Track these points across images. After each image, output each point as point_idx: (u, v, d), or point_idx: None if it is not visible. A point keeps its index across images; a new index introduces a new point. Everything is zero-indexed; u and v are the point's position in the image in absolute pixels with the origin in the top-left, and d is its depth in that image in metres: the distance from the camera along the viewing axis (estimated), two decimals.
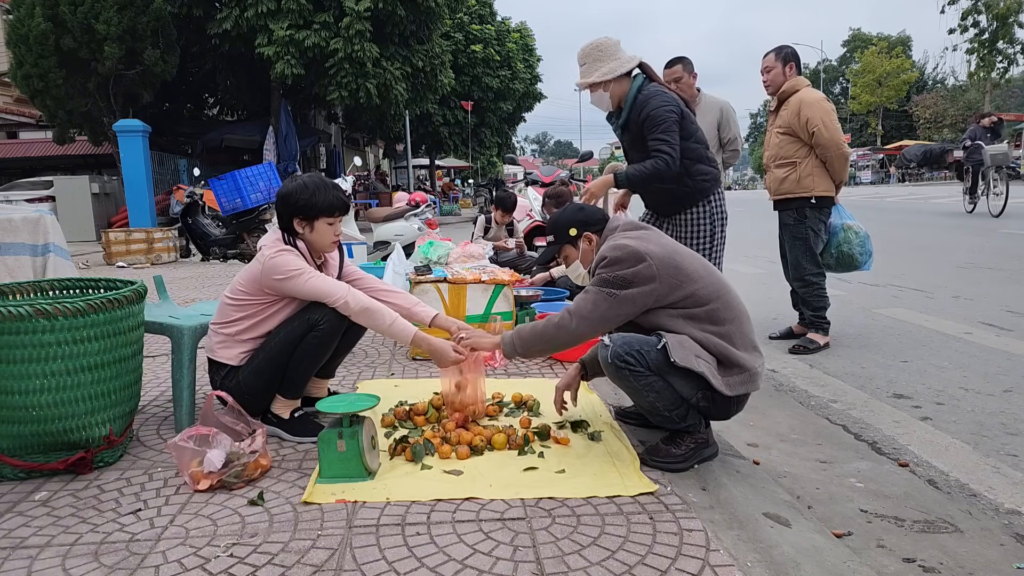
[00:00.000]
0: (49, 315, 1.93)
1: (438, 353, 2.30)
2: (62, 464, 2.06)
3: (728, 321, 2.06)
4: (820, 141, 3.75)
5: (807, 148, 3.84)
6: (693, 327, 2.04)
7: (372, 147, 29.76)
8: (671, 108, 2.90)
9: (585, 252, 2.32)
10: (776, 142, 3.96)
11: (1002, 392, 3.05)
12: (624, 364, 1.99)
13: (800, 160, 3.85)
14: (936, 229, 10.10)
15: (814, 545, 1.73)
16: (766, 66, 3.95)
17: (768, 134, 4.13)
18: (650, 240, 2.12)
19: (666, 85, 3.07)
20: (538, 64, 26.17)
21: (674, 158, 2.89)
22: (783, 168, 3.91)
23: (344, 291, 2.26)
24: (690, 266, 2.08)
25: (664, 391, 2.01)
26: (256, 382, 2.29)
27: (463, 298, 3.61)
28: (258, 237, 9.20)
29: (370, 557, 1.60)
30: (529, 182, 10.72)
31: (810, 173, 3.83)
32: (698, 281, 2.06)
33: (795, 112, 3.81)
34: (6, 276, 3.64)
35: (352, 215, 8.90)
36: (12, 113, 18.12)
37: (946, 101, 41.93)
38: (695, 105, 4.31)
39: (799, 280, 3.99)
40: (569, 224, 2.31)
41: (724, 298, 2.09)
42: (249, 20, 12.28)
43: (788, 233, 4.01)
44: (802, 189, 3.85)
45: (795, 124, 3.81)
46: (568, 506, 1.83)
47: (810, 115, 3.74)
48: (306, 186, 2.30)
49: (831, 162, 3.81)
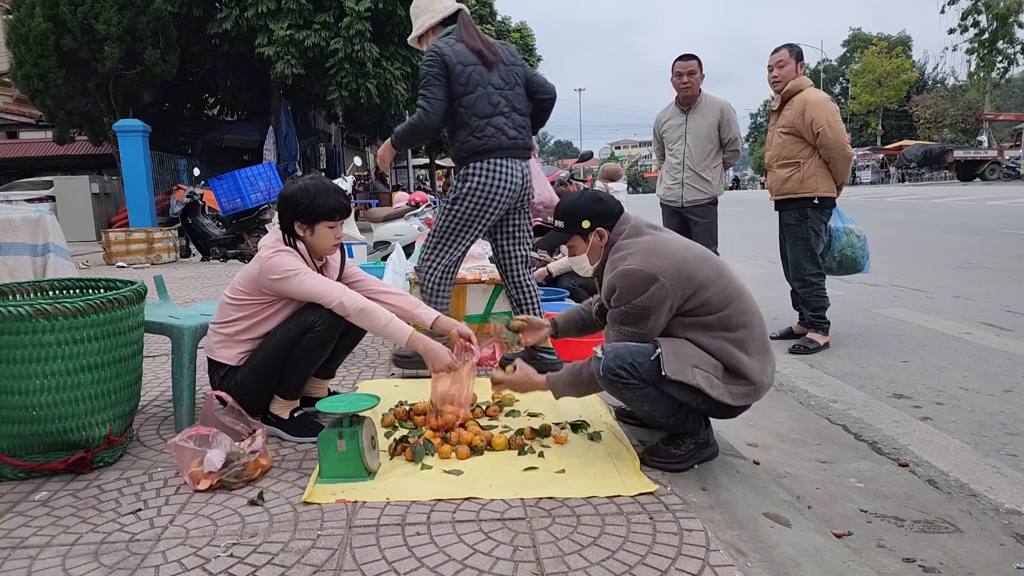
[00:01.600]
0: (49, 315, 1.93)
1: (432, 355, 2.27)
2: (62, 464, 2.06)
3: (742, 326, 2.00)
4: (824, 142, 3.74)
5: (810, 148, 3.83)
6: (704, 335, 1.99)
7: (372, 147, 29.72)
8: (431, 62, 2.83)
9: (594, 247, 2.21)
10: (779, 142, 3.95)
11: (1002, 392, 3.05)
12: (616, 377, 1.95)
13: (803, 160, 3.84)
14: (936, 229, 10.10)
15: (814, 545, 1.73)
16: (779, 60, 3.91)
17: (770, 134, 4.12)
18: (657, 252, 2.02)
19: (476, 37, 2.90)
20: (538, 64, 26.16)
21: (427, 111, 2.85)
22: (786, 168, 3.90)
23: (339, 292, 2.24)
24: (702, 271, 2.01)
25: (660, 400, 1.98)
26: (253, 383, 2.29)
27: (463, 298, 3.61)
28: (258, 237, 9.20)
29: (370, 557, 1.60)
30: None
31: (813, 174, 3.82)
32: (711, 287, 1.99)
33: (799, 112, 3.79)
34: (6, 276, 3.64)
35: (352, 215, 8.89)
36: (12, 113, 18.13)
37: (946, 101, 41.95)
38: (695, 105, 4.32)
39: (799, 280, 3.99)
40: (584, 215, 2.18)
41: (738, 302, 2.01)
42: (249, 20, 12.27)
43: (789, 233, 4.01)
44: (805, 189, 3.85)
45: (799, 124, 3.80)
46: (568, 506, 1.83)
47: (815, 115, 3.73)
48: (307, 189, 2.29)
49: (834, 163, 3.80)
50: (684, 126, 4.38)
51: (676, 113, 4.46)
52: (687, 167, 4.35)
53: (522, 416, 2.55)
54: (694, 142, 4.33)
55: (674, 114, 4.47)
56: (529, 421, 2.49)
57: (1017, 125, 34.34)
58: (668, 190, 4.48)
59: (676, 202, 4.44)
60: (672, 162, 4.44)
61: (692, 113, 4.36)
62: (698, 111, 4.35)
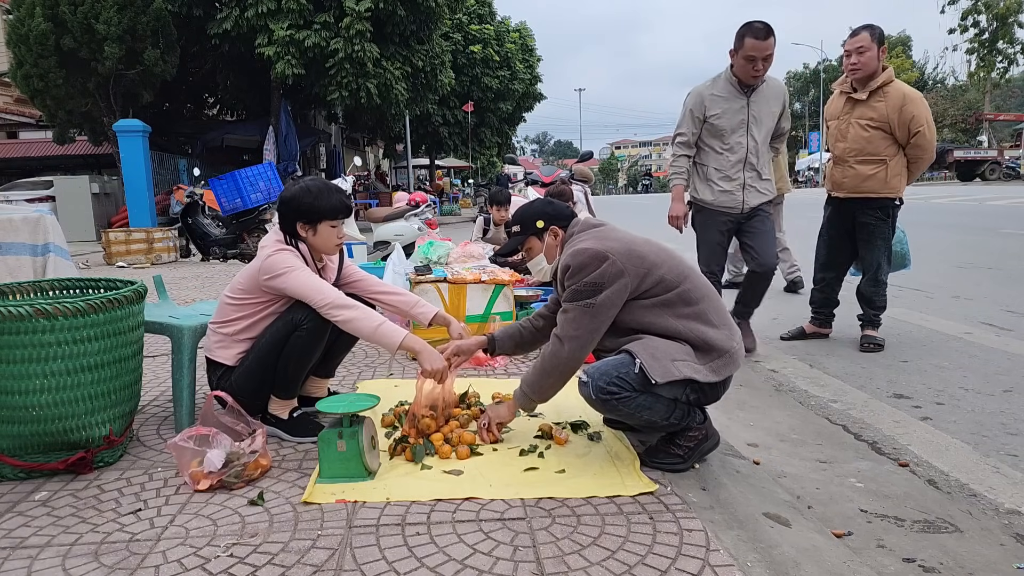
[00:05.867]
0: (49, 315, 1.93)
1: (424, 356, 2.24)
2: (62, 464, 2.06)
3: (701, 299, 2.08)
4: (921, 142, 3.55)
5: (897, 146, 3.60)
6: (669, 315, 2.05)
7: (372, 147, 29.75)
8: None
9: (550, 246, 2.30)
10: (864, 135, 3.62)
11: (1002, 392, 3.05)
12: (609, 395, 1.97)
13: (890, 158, 3.60)
14: (936, 229, 10.10)
15: (814, 545, 1.73)
16: (860, 46, 3.54)
17: (843, 124, 3.73)
18: (607, 236, 2.13)
19: None
20: (538, 64, 26.15)
21: None
22: (869, 165, 3.63)
23: (329, 298, 2.18)
24: (651, 252, 2.10)
25: (655, 404, 2.01)
26: (247, 383, 2.29)
27: (463, 298, 3.61)
28: (258, 237, 9.20)
29: (370, 557, 1.60)
30: (529, 182, 10.72)
31: (898, 173, 3.62)
32: (663, 266, 2.08)
33: (896, 107, 3.51)
34: (6, 276, 3.64)
35: (352, 215, 8.89)
36: (12, 113, 18.14)
37: (946, 101, 41.97)
38: (759, 87, 3.51)
39: (873, 280, 3.79)
40: (537, 216, 2.30)
41: (692, 278, 2.11)
42: (249, 20, 12.28)
43: (868, 233, 3.76)
44: (889, 190, 3.64)
45: (895, 119, 3.52)
46: (568, 506, 1.83)
47: (916, 113, 3.50)
48: (309, 190, 2.29)
49: (920, 165, 3.65)
50: (746, 111, 3.50)
51: (733, 95, 3.50)
52: (750, 164, 3.54)
53: (521, 416, 2.55)
54: (759, 133, 3.53)
55: (730, 95, 3.51)
56: (529, 421, 2.49)
57: (1017, 125, 34.36)
58: (724, 194, 3.56)
59: (736, 208, 3.58)
60: (730, 159, 3.54)
61: (755, 97, 3.50)
62: (762, 95, 3.51)
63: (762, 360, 3.73)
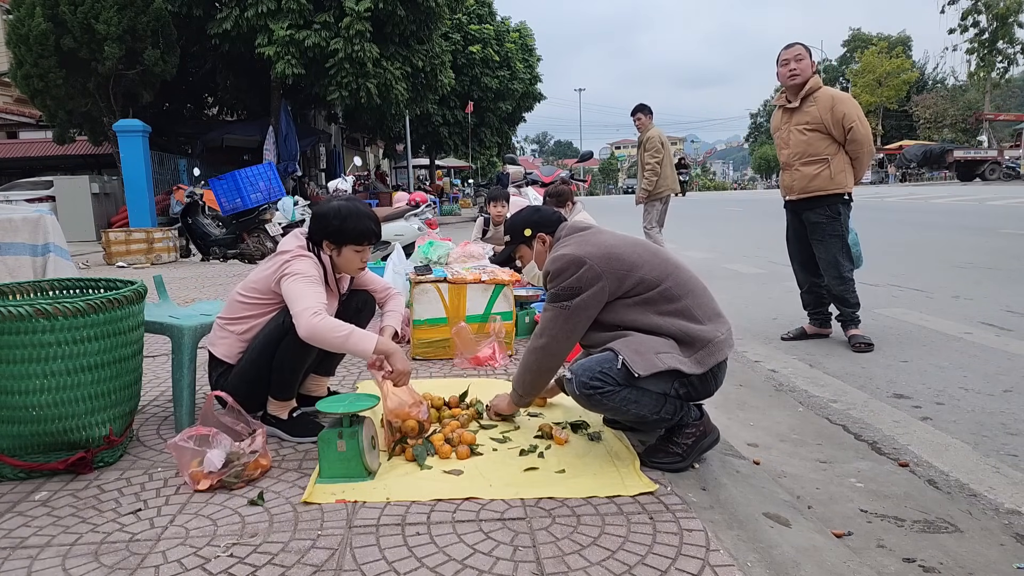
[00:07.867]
0: (49, 315, 1.93)
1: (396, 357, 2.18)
2: (62, 464, 2.06)
3: (683, 296, 2.11)
4: (856, 137, 3.75)
5: (836, 144, 3.81)
6: (652, 312, 2.09)
7: (372, 147, 29.76)
8: None
9: (539, 253, 2.40)
10: (803, 139, 3.87)
11: (1002, 392, 3.05)
12: (592, 390, 2.01)
13: (831, 156, 3.81)
14: (936, 229, 10.10)
15: (814, 545, 1.73)
16: (797, 54, 3.83)
17: (784, 132, 4.01)
18: (588, 242, 2.18)
19: None
20: (538, 64, 26.13)
21: None
22: (813, 165, 3.85)
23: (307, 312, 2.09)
24: (632, 254, 2.13)
25: (642, 398, 2.03)
26: (241, 385, 2.29)
27: (463, 298, 3.60)
28: (258, 237, 9.21)
29: (370, 557, 1.60)
30: (529, 182, 10.73)
31: (842, 169, 3.81)
32: (644, 266, 2.11)
33: (827, 108, 3.75)
34: (6, 276, 3.64)
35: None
36: (12, 113, 18.14)
37: (946, 101, 41.94)
38: None
39: (837, 278, 3.88)
40: (524, 225, 2.39)
41: (674, 275, 2.14)
42: (249, 20, 12.27)
43: (820, 232, 3.91)
44: (836, 186, 3.82)
45: (828, 120, 3.76)
46: (568, 506, 1.84)
47: (846, 111, 3.73)
48: (339, 211, 2.29)
49: (861, 159, 3.82)
50: None
51: None
52: None
53: (521, 416, 2.55)
54: None
55: None
56: (529, 421, 2.49)
57: (1017, 125, 34.34)
58: None
59: None
60: None
61: None
62: None
63: (762, 360, 3.73)
